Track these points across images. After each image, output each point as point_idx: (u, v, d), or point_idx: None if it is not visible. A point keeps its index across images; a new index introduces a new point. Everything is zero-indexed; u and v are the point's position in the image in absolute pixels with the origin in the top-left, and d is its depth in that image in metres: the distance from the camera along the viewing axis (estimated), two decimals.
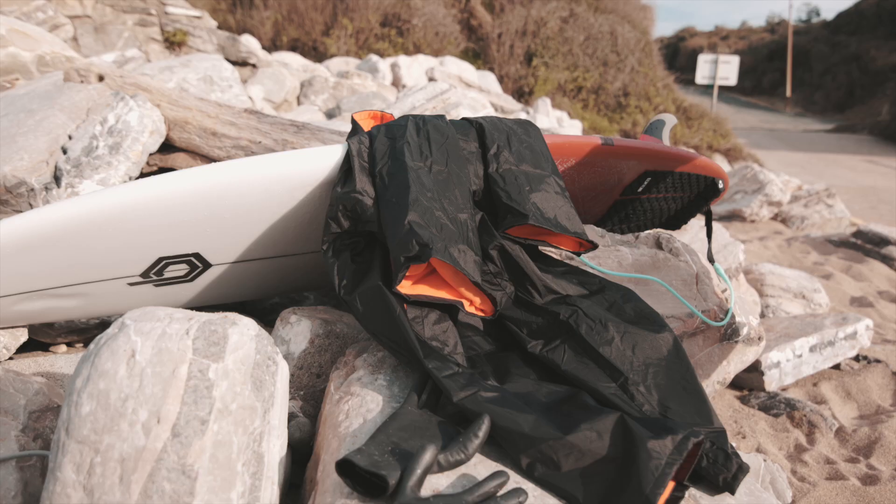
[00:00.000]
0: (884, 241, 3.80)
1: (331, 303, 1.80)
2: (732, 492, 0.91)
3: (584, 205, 1.62)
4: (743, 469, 0.92)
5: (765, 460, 1.61)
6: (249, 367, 0.85)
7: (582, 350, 1.07)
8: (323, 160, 1.22)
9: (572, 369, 1.04)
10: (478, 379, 0.99)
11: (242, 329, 0.88)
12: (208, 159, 2.22)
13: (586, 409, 0.94)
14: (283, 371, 0.93)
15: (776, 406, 1.98)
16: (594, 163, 1.46)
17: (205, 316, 0.89)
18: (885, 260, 3.69)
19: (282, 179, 1.21)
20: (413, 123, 1.21)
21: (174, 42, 4.62)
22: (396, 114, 3.55)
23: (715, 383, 1.76)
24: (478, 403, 0.92)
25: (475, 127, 1.27)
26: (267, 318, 1.74)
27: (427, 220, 1.04)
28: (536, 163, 1.24)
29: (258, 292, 1.52)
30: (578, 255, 1.26)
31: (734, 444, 1.80)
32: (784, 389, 2.13)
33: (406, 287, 1.05)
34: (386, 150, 1.16)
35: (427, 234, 1.01)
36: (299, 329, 1.25)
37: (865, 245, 3.87)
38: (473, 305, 1.11)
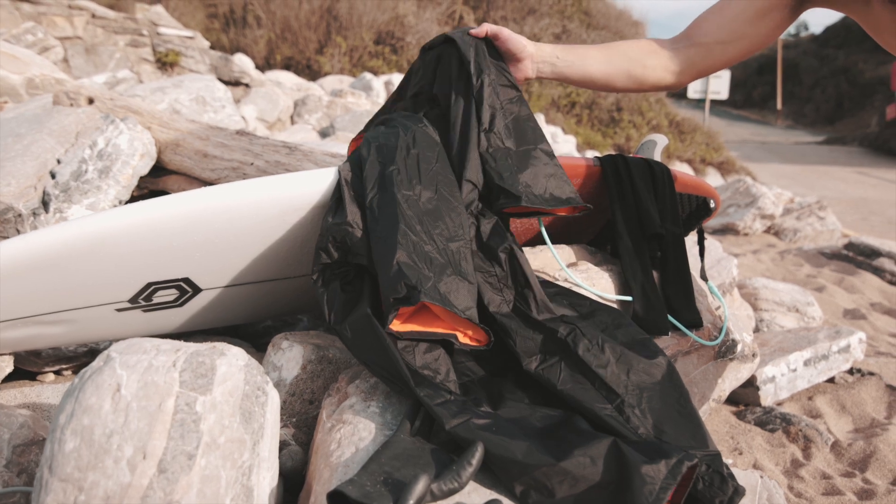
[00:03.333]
0: (875, 253, 3.82)
1: (323, 326, 1.79)
2: None
3: (576, 225, 1.62)
4: (739, 492, 0.91)
5: (761, 477, 1.60)
6: (238, 399, 0.84)
7: (578, 370, 1.06)
8: (314, 183, 1.21)
9: (568, 389, 1.03)
10: (470, 406, 0.98)
11: (231, 359, 0.87)
12: (200, 181, 2.21)
13: (580, 434, 0.94)
14: (274, 401, 0.92)
15: (772, 421, 1.98)
16: (585, 184, 1.46)
17: (192, 347, 0.88)
18: (877, 272, 3.70)
19: (273, 203, 1.20)
20: (404, 144, 1.19)
21: (166, 62, 4.63)
22: None
23: (710, 401, 1.76)
24: (470, 431, 0.91)
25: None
26: (259, 342, 1.73)
27: (416, 257, 1.03)
28: (522, 136, 1.24)
29: (250, 316, 1.50)
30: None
31: (731, 461, 1.79)
32: (779, 404, 2.12)
33: (397, 325, 1.04)
34: (376, 176, 1.14)
35: (415, 276, 0.99)
36: (291, 355, 1.24)
37: (857, 257, 3.88)
38: (467, 336, 1.10)
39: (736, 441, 1.89)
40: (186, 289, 1.25)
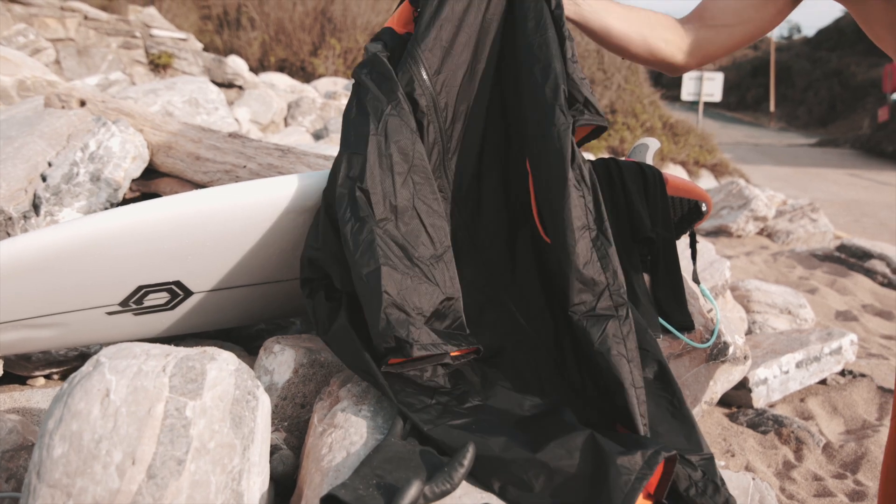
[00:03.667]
0: (866, 255, 3.84)
1: (313, 332, 1.78)
2: None
3: None
4: (730, 502, 0.92)
5: (753, 479, 1.61)
6: (228, 404, 0.84)
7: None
8: (306, 187, 1.21)
9: (605, 351, 0.99)
10: (451, 407, 0.99)
11: (221, 364, 0.87)
12: (192, 184, 2.20)
13: (559, 426, 0.95)
14: (264, 405, 0.92)
15: (764, 423, 1.98)
16: None
17: (182, 351, 0.87)
18: (869, 273, 3.72)
19: (264, 206, 1.20)
20: (374, 146, 1.09)
21: (159, 64, 4.62)
22: None
23: (702, 403, 1.76)
24: (447, 433, 0.92)
25: None
26: (252, 345, 1.72)
27: (404, 297, 1.00)
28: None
29: (242, 319, 1.50)
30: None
31: (723, 463, 1.80)
32: (772, 406, 2.13)
33: (391, 363, 1.02)
34: (347, 201, 1.07)
35: (404, 327, 0.97)
36: (283, 359, 1.24)
37: (849, 259, 3.90)
38: (458, 352, 1.08)
39: (728, 443, 1.89)
40: (178, 292, 1.25)
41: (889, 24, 1.11)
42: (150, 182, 2.24)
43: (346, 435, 0.97)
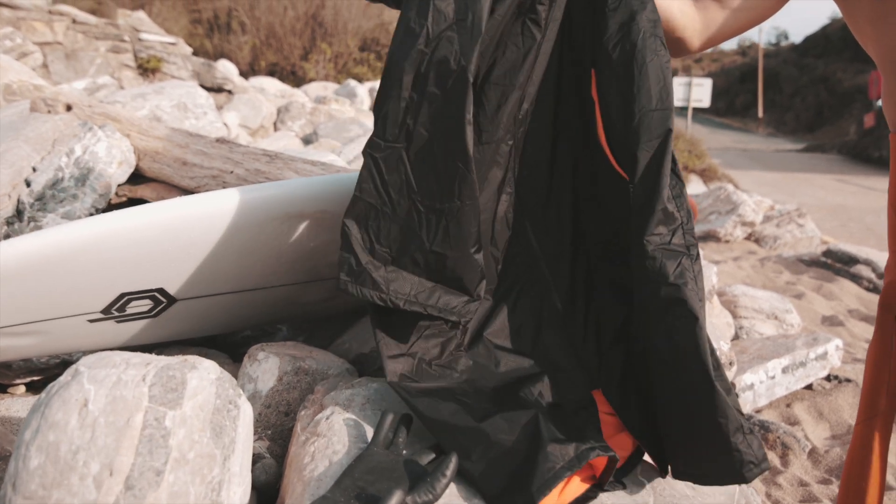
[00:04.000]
0: (852, 260, 3.87)
1: (302, 336, 1.78)
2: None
3: None
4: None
5: (739, 485, 1.61)
6: (209, 413, 0.83)
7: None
8: (290, 193, 1.21)
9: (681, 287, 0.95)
10: (430, 360, 1.05)
11: (202, 373, 0.86)
12: (179, 189, 2.19)
13: (514, 399, 1.00)
14: (246, 414, 0.91)
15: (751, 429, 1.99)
16: None
17: (163, 360, 0.87)
18: (854, 279, 3.74)
19: (248, 213, 1.19)
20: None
21: (148, 69, 4.60)
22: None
23: None
24: (407, 391, 0.98)
25: None
26: (238, 352, 1.71)
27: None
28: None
29: (227, 326, 1.49)
30: None
31: None
32: (758, 411, 2.14)
33: None
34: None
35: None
36: (267, 366, 1.23)
37: (835, 264, 3.93)
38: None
39: None
40: (161, 299, 1.24)
41: (873, 19, 1.12)
42: (137, 187, 2.22)
43: (328, 444, 0.96)
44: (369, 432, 1.00)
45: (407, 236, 1.00)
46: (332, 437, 0.98)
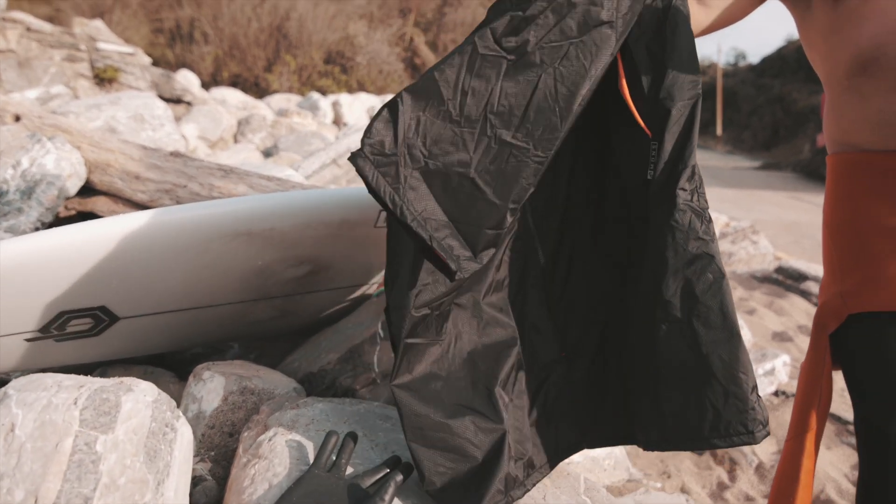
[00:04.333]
0: (802, 277, 3.98)
1: (254, 354, 1.76)
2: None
3: None
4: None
5: (687, 500, 1.64)
6: (143, 437, 0.81)
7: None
8: (238, 210, 1.20)
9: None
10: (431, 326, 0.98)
11: (138, 395, 0.85)
12: (131, 203, 2.16)
13: (489, 404, 0.98)
14: (184, 437, 0.90)
15: None
16: None
17: (98, 382, 0.85)
18: (804, 295, 3.85)
19: (195, 231, 1.18)
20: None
21: (105, 79, 4.52)
22: (331, 154, 3.53)
23: None
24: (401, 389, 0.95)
25: None
26: (187, 370, 1.68)
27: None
28: None
29: (173, 345, 1.47)
30: None
31: (660, 485, 1.83)
32: None
33: None
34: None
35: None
36: (212, 386, 1.21)
37: (786, 280, 4.04)
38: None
39: (665, 464, 1.92)
40: (103, 318, 1.22)
41: (826, 33, 1.14)
42: (87, 200, 2.18)
43: (269, 466, 0.95)
44: (312, 454, 0.99)
45: (457, 148, 0.86)
46: (274, 460, 0.96)
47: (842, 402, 2.35)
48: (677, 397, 0.95)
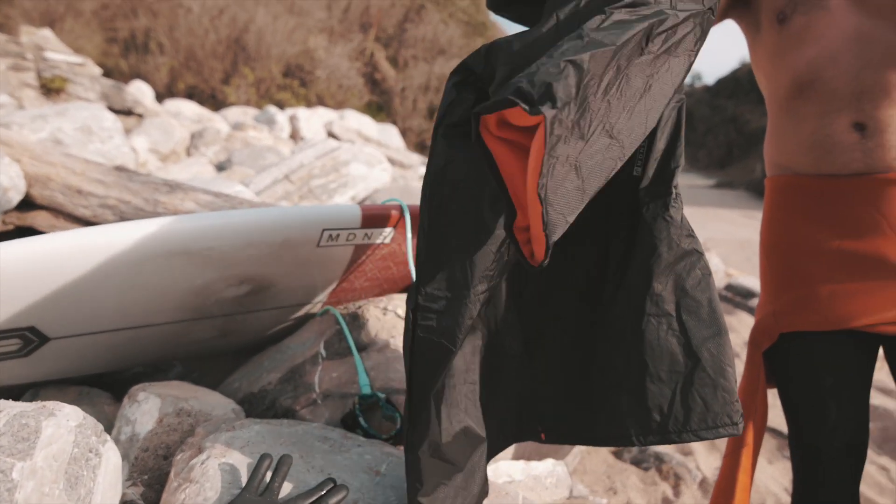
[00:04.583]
0: (750, 294, 4.09)
1: (196, 373, 1.72)
2: None
3: None
4: None
5: None
6: (64, 463, 0.79)
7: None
8: (174, 230, 1.18)
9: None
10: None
11: (60, 420, 0.82)
12: (72, 218, 2.10)
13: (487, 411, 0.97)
14: (109, 463, 0.88)
15: (647, 460, 2.06)
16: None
17: (17, 407, 0.82)
18: (752, 311, 3.96)
19: (129, 249, 1.15)
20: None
21: (52, 89, 4.40)
22: (284, 170, 3.50)
23: None
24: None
25: None
26: (126, 390, 1.64)
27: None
28: None
29: (109, 365, 1.43)
30: None
31: (605, 501, 1.84)
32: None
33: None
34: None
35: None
36: (147, 407, 1.18)
37: (735, 297, 4.15)
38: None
39: (612, 480, 1.95)
40: (32, 338, 1.18)
41: (770, 54, 1.17)
42: (26, 214, 2.12)
43: (200, 490, 0.93)
44: (246, 477, 0.97)
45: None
46: (205, 483, 0.94)
47: (783, 417, 2.41)
48: (664, 391, 0.95)
